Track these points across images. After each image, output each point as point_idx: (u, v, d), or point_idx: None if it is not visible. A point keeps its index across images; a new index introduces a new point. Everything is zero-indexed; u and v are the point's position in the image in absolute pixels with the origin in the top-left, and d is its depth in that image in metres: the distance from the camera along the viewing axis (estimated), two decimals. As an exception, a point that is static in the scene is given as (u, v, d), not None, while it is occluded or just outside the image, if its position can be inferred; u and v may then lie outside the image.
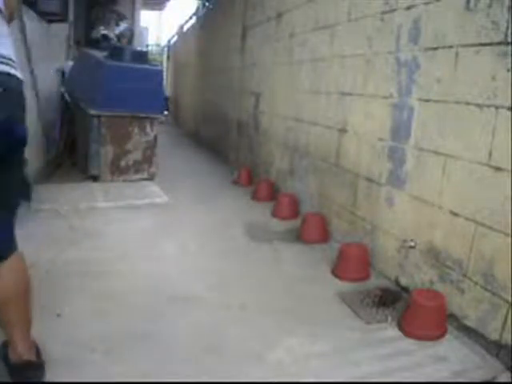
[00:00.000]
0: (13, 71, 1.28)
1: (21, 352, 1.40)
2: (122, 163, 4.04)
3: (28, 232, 2.69)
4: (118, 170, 4.03)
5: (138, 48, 6.60)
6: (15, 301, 1.38)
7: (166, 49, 13.16)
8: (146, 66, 4.15)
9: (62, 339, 1.68)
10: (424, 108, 2.12)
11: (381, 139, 2.45)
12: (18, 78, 1.30)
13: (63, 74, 4.86)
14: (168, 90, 11.93)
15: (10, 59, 1.28)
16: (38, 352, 1.47)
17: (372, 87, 2.53)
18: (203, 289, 2.17)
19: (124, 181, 4.03)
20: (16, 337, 1.40)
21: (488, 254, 1.76)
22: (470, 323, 1.84)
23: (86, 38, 6.32)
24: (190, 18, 9.02)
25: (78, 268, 2.30)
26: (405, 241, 2.24)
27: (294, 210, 3.42)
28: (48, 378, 1.46)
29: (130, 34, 7.40)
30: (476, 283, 1.81)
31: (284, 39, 3.82)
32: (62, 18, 4.34)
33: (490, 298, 1.74)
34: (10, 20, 1.42)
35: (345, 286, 2.29)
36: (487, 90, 1.75)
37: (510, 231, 1.65)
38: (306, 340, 1.78)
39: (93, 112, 3.80)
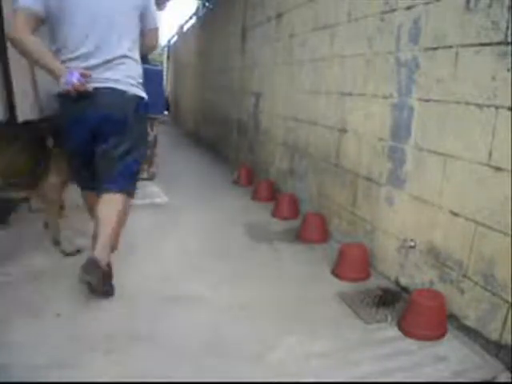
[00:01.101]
0: (123, 88, 2.03)
1: (97, 256, 1.93)
2: (122, 163, 4.03)
3: (28, 232, 2.70)
4: (118, 170, 4.01)
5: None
6: (110, 219, 2.01)
7: (165, 49, 13.15)
8: (146, 66, 4.14)
9: (62, 339, 1.68)
10: (424, 108, 2.12)
11: (381, 139, 2.45)
12: (128, 93, 2.04)
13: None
14: (168, 90, 11.94)
15: (123, 81, 2.03)
16: (105, 264, 1.96)
17: (372, 87, 2.53)
18: (203, 289, 2.17)
19: (124, 181, 4.01)
20: (98, 247, 1.96)
21: (488, 254, 1.76)
22: (469, 323, 1.84)
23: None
24: (190, 17, 9.02)
25: (78, 268, 2.30)
26: (405, 241, 2.24)
27: (294, 210, 3.42)
28: (48, 378, 1.46)
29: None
30: (476, 283, 1.81)
31: (284, 39, 3.82)
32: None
33: (489, 298, 1.74)
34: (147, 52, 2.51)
35: (345, 285, 2.29)
36: (487, 90, 1.75)
37: (509, 231, 1.65)
38: (306, 340, 1.78)
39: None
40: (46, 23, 1.97)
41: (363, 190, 2.64)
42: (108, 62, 1.99)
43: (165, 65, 12.41)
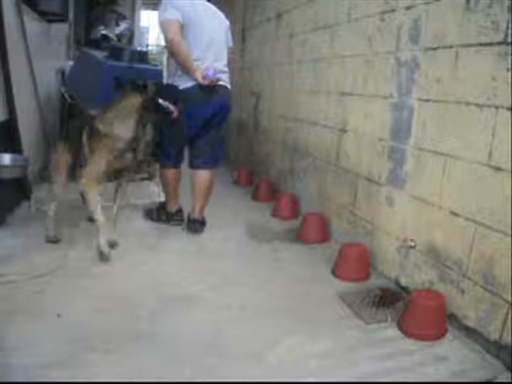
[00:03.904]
0: (229, 86, 2.92)
1: (195, 215, 2.97)
2: (122, 163, 4.03)
3: (28, 232, 2.70)
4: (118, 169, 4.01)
5: (138, 48, 6.58)
6: (202, 190, 2.96)
7: (166, 48, 13.13)
8: (146, 66, 4.15)
9: (62, 339, 1.68)
10: (424, 108, 2.12)
11: (381, 139, 2.45)
12: (227, 88, 2.89)
13: (63, 73, 4.85)
14: (168, 90, 11.87)
15: (226, 81, 2.89)
16: (202, 219, 2.99)
17: (372, 87, 2.53)
18: (203, 289, 2.17)
19: (124, 181, 4.01)
20: (196, 207, 2.97)
21: (488, 253, 1.76)
22: (470, 323, 1.84)
23: (86, 38, 6.30)
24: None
25: (78, 268, 2.30)
26: (405, 241, 2.24)
27: (294, 210, 3.42)
28: (47, 378, 1.46)
29: (129, 34, 7.38)
30: (476, 283, 1.81)
31: (284, 39, 3.82)
32: (62, 18, 4.33)
33: (490, 297, 1.74)
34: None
35: (345, 286, 2.29)
36: (487, 90, 1.75)
37: (509, 231, 1.65)
38: (306, 340, 1.78)
39: (93, 112, 3.79)
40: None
41: (363, 190, 2.64)
42: (221, 67, 2.84)
43: (165, 65, 12.40)
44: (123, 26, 6.85)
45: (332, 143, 2.99)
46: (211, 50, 2.78)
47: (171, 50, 2.71)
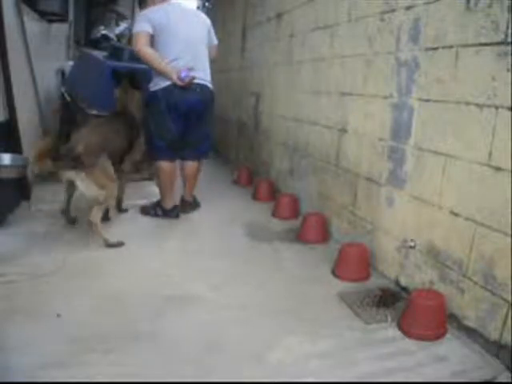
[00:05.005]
0: (208, 84, 3.11)
1: (185, 197, 3.37)
2: (122, 163, 4.04)
3: (27, 232, 2.70)
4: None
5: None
6: (189, 176, 3.31)
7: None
8: (144, 66, 4.14)
9: (61, 339, 1.68)
10: (424, 108, 2.12)
11: (381, 139, 2.45)
12: (205, 85, 3.08)
13: (63, 74, 4.85)
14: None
15: (206, 79, 3.10)
16: (193, 199, 3.44)
17: (372, 87, 2.53)
18: (203, 289, 2.17)
19: (124, 181, 4.01)
20: (186, 191, 3.35)
21: (488, 254, 1.76)
22: (470, 323, 1.84)
23: (85, 38, 6.30)
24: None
25: (78, 268, 2.31)
26: (405, 241, 2.24)
27: (294, 210, 3.42)
28: (47, 378, 1.46)
29: (129, 34, 7.36)
30: (476, 283, 1.81)
31: (284, 39, 3.82)
32: (62, 18, 4.33)
33: (489, 297, 1.74)
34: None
35: (345, 286, 2.29)
36: (487, 90, 1.75)
37: (509, 231, 1.65)
38: (306, 340, 1.78)
39: (93, 112, 3.79)
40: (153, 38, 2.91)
41: (363, 190, 2.64)
42: (200, 66, 3.03)
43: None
44: (123, 25, 6.85)
45: (332, 143, 2.99)
46: (188, 51, 2.96)
47: (140, 58, 2.95)
